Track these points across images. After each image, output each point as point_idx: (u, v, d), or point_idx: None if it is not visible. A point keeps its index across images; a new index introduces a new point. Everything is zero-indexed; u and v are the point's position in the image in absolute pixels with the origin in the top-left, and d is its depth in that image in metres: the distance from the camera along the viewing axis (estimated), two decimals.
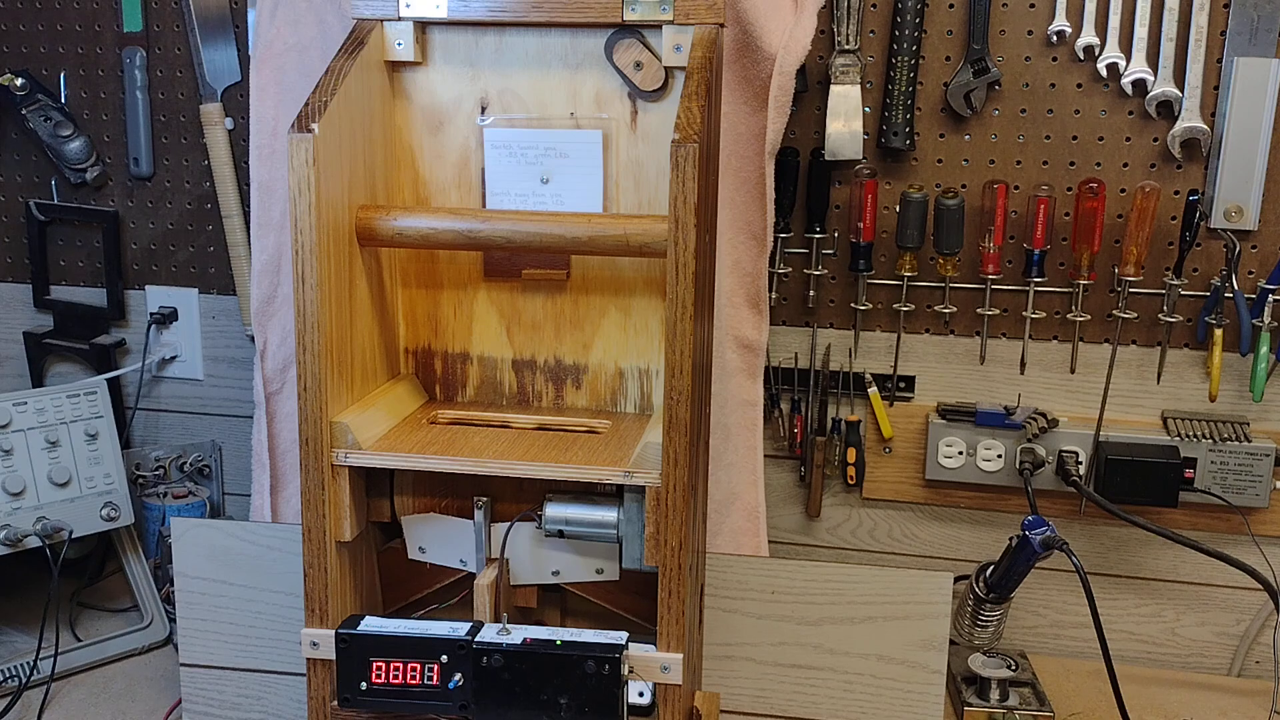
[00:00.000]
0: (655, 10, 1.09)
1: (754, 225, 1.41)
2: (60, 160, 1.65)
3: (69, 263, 1.72)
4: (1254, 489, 1.44)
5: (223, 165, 1.61)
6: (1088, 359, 1.49)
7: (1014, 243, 1.46)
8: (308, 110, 1.01)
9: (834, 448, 1.55)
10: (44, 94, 1.65)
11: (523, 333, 1.21)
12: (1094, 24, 1.39)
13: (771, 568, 1.33)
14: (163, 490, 1.65)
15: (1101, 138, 1.43)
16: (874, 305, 1.51)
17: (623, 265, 1.17)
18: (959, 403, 1.51)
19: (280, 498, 1.54)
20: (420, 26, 1.15)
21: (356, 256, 1.09)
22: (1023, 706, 1.38)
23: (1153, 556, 1.52)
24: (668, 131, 0.99)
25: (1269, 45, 1.37)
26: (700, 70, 1.04)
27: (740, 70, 1.36)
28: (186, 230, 1.68)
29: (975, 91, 1.43)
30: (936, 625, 1.29)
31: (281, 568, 1.30)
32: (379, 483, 1.13)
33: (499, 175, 1.18)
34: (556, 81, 1.15)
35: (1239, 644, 1.52)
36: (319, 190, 1.00)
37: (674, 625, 1.02)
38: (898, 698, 1.31)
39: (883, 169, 1.48)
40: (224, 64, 1.60)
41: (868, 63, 1.44)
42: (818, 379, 1.54)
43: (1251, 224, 1.41)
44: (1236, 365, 1.45)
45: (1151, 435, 1.47)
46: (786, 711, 1.34)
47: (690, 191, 0.95)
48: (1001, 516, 1.54)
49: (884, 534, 1.58)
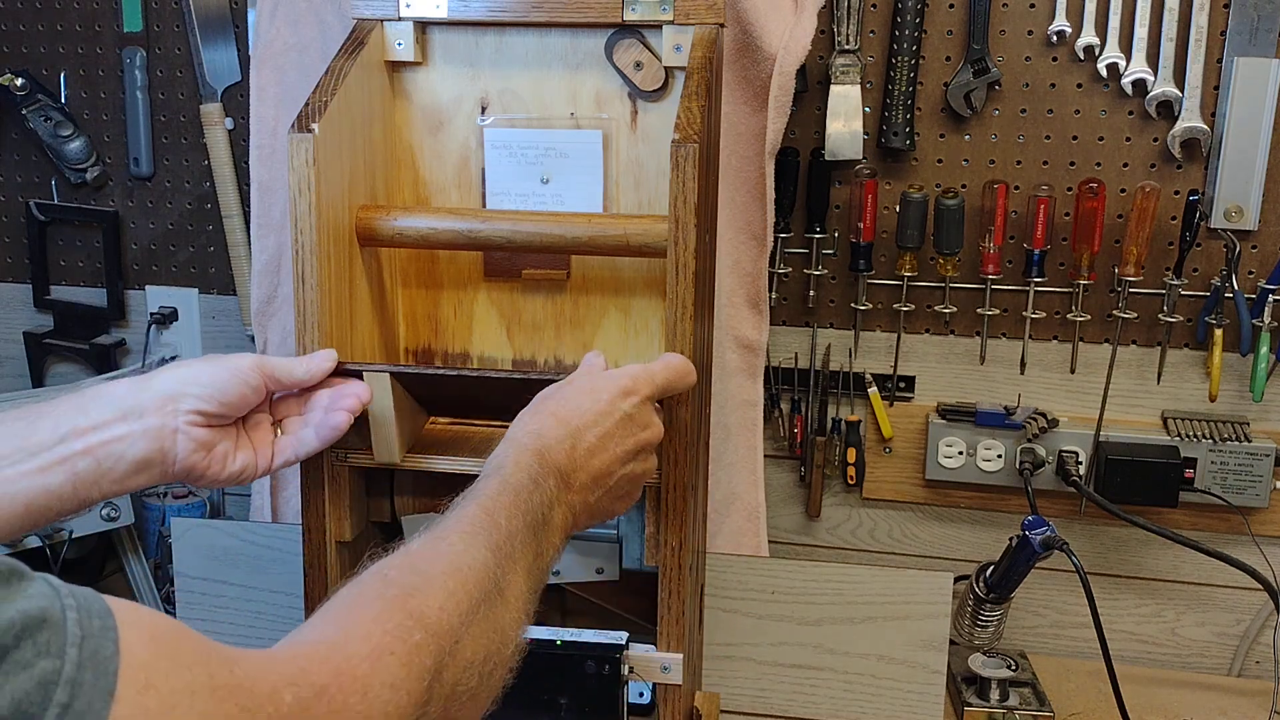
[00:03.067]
0: (655, 10, 1.09)
1: (754, 225, 1.41)
2: (60, 160, 1.65)
3: (69, 263, 1.72)
4: (1254, 489, 1.44)
5: (223, 165, 1.61)
6: (1088, 359, 1.49)
7: (1014, 243, 1.46)
8: (308, 110, 1.01)
9: (834, 448, 1.55)
10: (44, 94, 1.65)
11: (523, 333, 1.21)
12: (1094, 24, 1.39)
13: (771, 568, 1.33)
14: (163, 490, 1.65)
15: (1101, 138, 1.43)
16: (874, 305, 1.51)
17: (623, 265, 1.17)
18: (959, 403, 1.51)
19: (280, 498, 1.54)
20: (420, 26, 1.14)
21: (356, 257, 1.09)
22: (1023, 706, 1.38)
23: (1153, 556, 1.52)
24: (668, 131, 0.99)
25: (1269, 45, 1.37)
26: (700, 70, 1.04)
27: (740, 70, 1.36)
28: (186, 230, 1.68)
29: (975, 91, 1.43)
30: (936, 625, 1.29)
31: (281, 568, 1.30)
32: (379, 483, 1.13)
33: (499, 175, 1.18)
34: (556, 81, 1.15)
35: (1239, 644, 1.52)
36: (319, 190, 1.00)
37: (674, 625, 1.02)
38: (898, 698, 1.31)
39: (883, 169, 1.48)
40: (224, 64, 1.60)
41: (868, 63, 1.44)
42: (818, 379, 1.54)
43: (1251, 224, 1.41)
44: (1236, 365, 1.45)
45: (1151, 435, 1.47)
46: (786, 711, 1.34)
47: (690, 191, 0.95)
48: (1001, 516, 1.54)
49: (884, 534, 1.58)
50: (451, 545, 0.72)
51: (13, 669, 0.47)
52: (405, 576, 0.68)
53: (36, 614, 0.48)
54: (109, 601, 0.52)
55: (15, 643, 0.47)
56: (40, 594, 0.50)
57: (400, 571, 0.68)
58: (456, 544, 0.72)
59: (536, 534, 0.79)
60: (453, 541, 0.72)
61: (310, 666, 0.59)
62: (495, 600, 0.71)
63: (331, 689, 0.58)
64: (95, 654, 0.49)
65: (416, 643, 0.63)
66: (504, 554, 0.74)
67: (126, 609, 0.52)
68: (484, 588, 0.70)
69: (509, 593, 0.73)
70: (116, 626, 0.51)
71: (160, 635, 0.53)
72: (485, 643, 0.69)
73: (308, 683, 0.57)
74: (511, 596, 0.73)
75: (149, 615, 0.53)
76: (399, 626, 0.63)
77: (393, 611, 0.64)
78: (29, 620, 0.48)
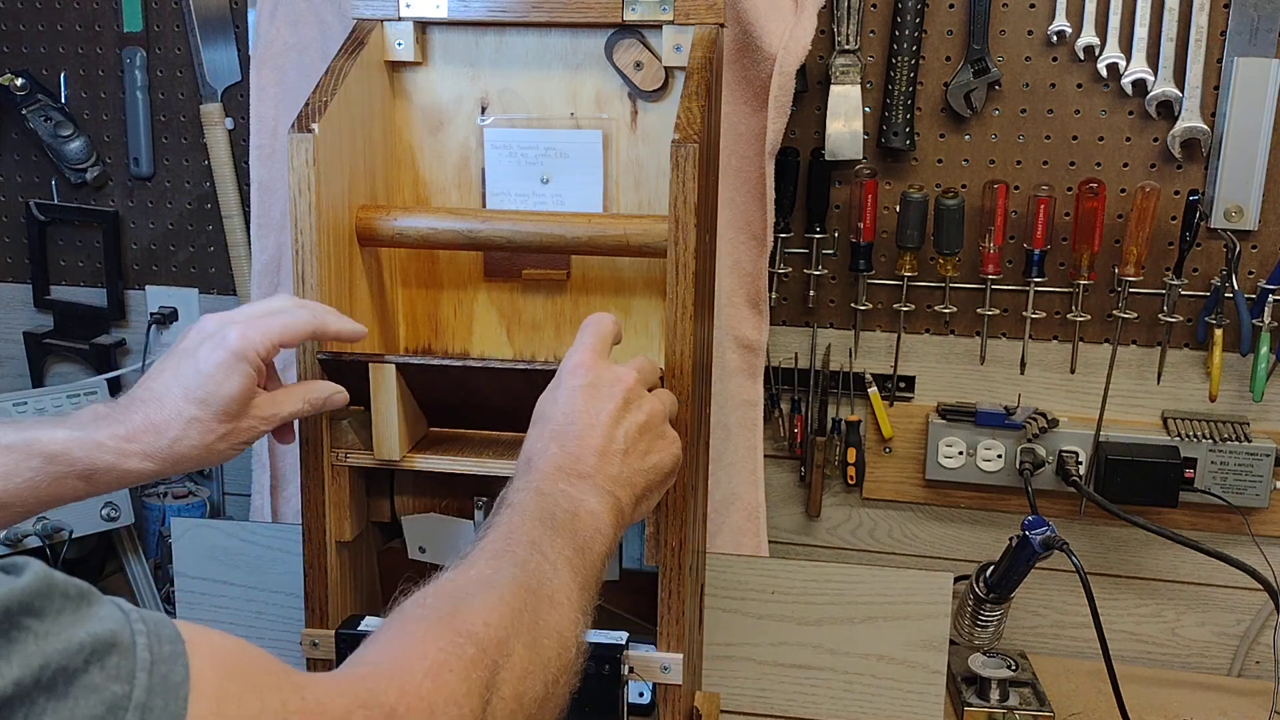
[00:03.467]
0: (655, 10, 1.09)
1: (754, 225, 1.41)
2: (60, 160, 1.65)
3: (69, 263, 1.72)
4: (1254, 489, 1.44)
5: (223, 165, 1.61)
6: (1088, 359, 1.49)
7: (1014, 243, 1.46)
8: (308, 110, 1.01)
9: (834, 448, 1.55)
10: (44, 94, 1.65)
11: (523, 333, 1.21)
12: (1094, 24, 1.39)
13: (771, 568, 1.33)
14: (163, 490, 1.65)
15: (1101, 138, 1.43)
16: (874, 305, 1.51)
17: (623, 265, 1.17)
18: (959, 403, 1.51)
19: (280, 498, 1.54)
20: (420, 26, 1.14)
21: (356, 256, 1.09)
22: (1023, 706, 1.38)
23: (1153, 556, 1.52)
24: (668, 131, 0.99)
25: (1269, 45, 1.37)
26: (700, 70, 1.04)
27: (740, 70, 1.36)
28: (186, 230, 1.68)
29: (975, 91, 1.43)
30: (936, 625, 1.29)
31: (281, 568, 1.30)
32: (379, 483, 1.13)
33: (499, 175, 1.18)
34: (556, 81, 1.15)
35: (1239, 644, 1.52)
36: (319, 190, 1.00)
37: (674, 625, 1.02)
38: (898, 698, 1.31)
39: (883, 169, 1.48)
40: (224, 64, 1.60)
41: (868, 63, 1.44)
42: (818, 379, 1.54)
43: (1251, 224, 1.41)
44: (1236, 365, 1.45)
45: (1151, 435, 1.47)
46: (786, 711, 1.34)
47: (690, 191, 0.95)
48: (1001, 516, 1.54)
49: (884, 534, 1.58)
50: (480, 570, 0.73)
51: (81, 693, 0.46)
52: (443, 602, 0.69)
53: (106, 637, 0.48)
54: (179, 626, 0.52)
55: (84, 666, 0.47)
56: (109, 617, 0.49)
57: (437, 598, 0.69)
58: (485, 568, 0.73)
59: (565, 532, 0.78)
60: (480, 567, 0.73)
61: (377, 688, 0.59)
62: (543, 605, 0.72)
63: (400, 709, 0.58)
64: (165, 679, 0.49)
65: (471, 657, 0.64)
66: (535, 564, 0.74)
67: (197, 633, 0.52)
68: (522, 598, 0.71)
69: (557, 596, 0.74)
70: (187, 652, 0.50)
71: (231, 661, 0.53)
72: (541, 648, 0.70)
73: (376, 704, 0.58)
74: (561, 598, 0.74)
75: (220, 639, 0.53)
76: (451, 644, 0.64)
77: (441, 631, 0.65)
78: (98, 643, 0.47)
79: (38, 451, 0.85)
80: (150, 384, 0.90)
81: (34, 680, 0.45)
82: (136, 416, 0.88)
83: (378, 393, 1.00)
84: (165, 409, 0.88)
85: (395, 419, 1.00)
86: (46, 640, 0.46)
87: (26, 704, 0.44)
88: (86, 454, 0.86)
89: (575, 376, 0.87)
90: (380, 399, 1.00)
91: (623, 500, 0.85)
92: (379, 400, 1.00)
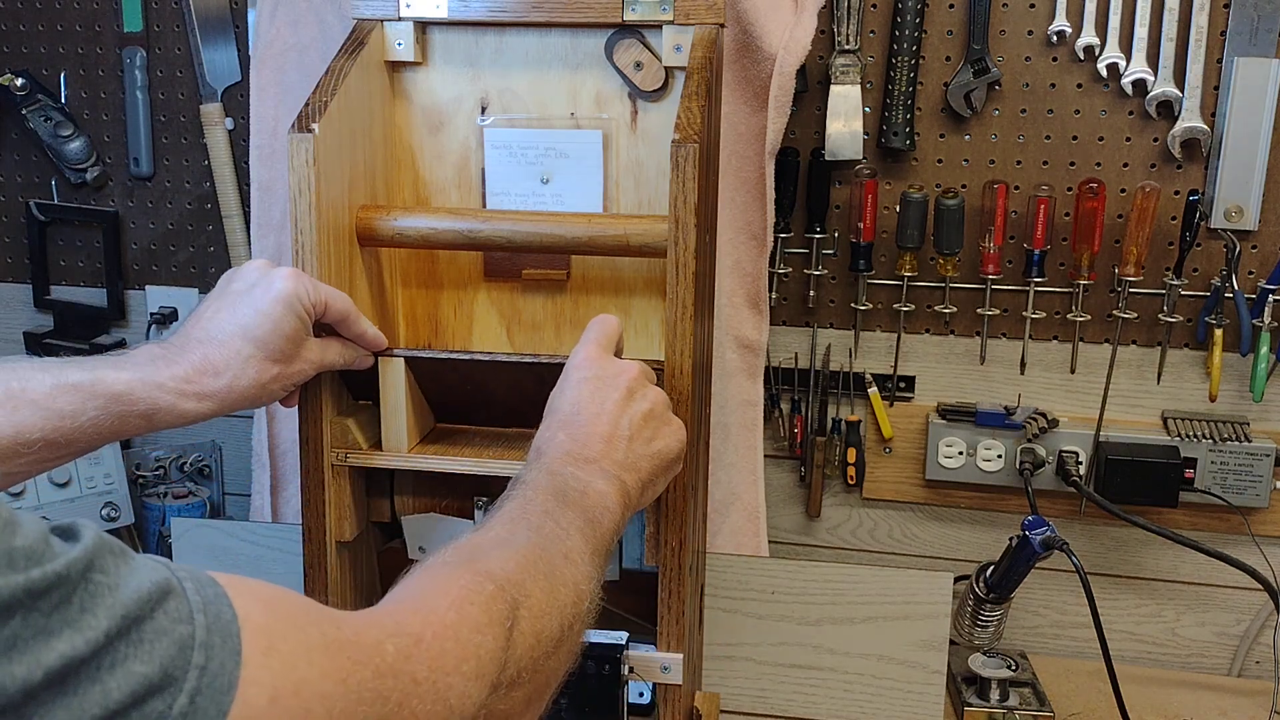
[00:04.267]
0: (655, 10, 1.09)
1: (754, 225, 1.41)
2: (60, 160, 1.65)
3: (69, 263, 1.72)
4: (1254, 489, 1.44)
5: (223, 165, 1.61)
6: (1088, 359, 1.49)
7: (1014, 243, 1.46)
8: (308, 110, 1.01)
9: (834, 448, 1.55)
10: (44, 94, 1.65)
11: (523, 333, 1.21)
12: (1094, 24, 1.39)
13: (771, 568, 1.33)
14: (163, 490, 1.65)
15: (1101, 138, 1.43)
16: (874, 305, 1.51)
17: (623, 265, 1.17)
18: (959, 403, 1.51)
19: (280, 498, 1.54)
20: (420, 27, 1.15)
21: (356, 257, 1.09)
22: (1023, 706, 1.38)
23: (1153, 556, 1.52)
24: (668, 131, 0.99)
25: (1269, 45, 1.37)
26: (700, 70, 1.04)
27: (740, 70, 1.36)
28: (186, 230, 1.68)
29: (975, 91, 1.43)
30: (936, 625, 1.29)
31: (281, 568, 1.30)
32: (379, 483, 1.13)
33: (499, 175, 1.18)
34: (556, 81, 1.15)
35: (1239, 644, 1.52)
36: (319, 190, 1.00)
37: (674, 625, 1.02)
38: (898, 698, 1.31)
39: (883, 169, 1.48)
40: (224, 64, 1.60)
41: (868, 63, 1.44)
42: (818, 379, 1.54)
43: (1251, 224, 1.41)
44: (1236, 365, 1.45)
45: (1151, 435, 1.47)
46: (786, 711, 1.34)
47: (690, 191, 0.95)
48: (1001, 516, 1.54)
49: (884, 534, 1.58)
50: (497, 532, 0.78)
51: (155, 635, 0.50)
52: (462, 553, 0.74)
53: (162, 584, 0.51)
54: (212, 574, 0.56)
55: (150, 612, 0.50)
56: (154, 566, 0.53)
57: (456, 552, 0.74)
58: (501, 531, 0.78)
59: (576, 507, 0.83)
60: (497, 530, 0.78)
61: (405, 620, 0.64)
62: (556, 560, 0.77)
63: (427, 637, 0.64)
64: (218, 618, 0.52)
65: (490, 593, 0.69)
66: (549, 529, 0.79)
67: (231, 579, 0.56)
68: (537, 553, 0.76)
69: (571, 554, 0.79)
70: (227, 594, 0.54)
71: (272, 600, 0.57)
72: (557, 594, 0.75)
73: (405, 633, 0.63)
74: (575, 556, 0.79)
75: (255, 583, 0.57)
76: (472, 581, 0.69)
77: (462, 572, 0.70)
78: (157, 589, 0.51)
79: (102, 392, 0.86)
80: (205, 324, 0.93)
81: (118, 630, 0.48)
82: (194, 356, 0.91)
83: (386, 386, 1.00)
84: (224, 349, 0.91)
85: (404, 412, 1.01)
86: (118, 592, 0.49)
87: (111, 653, 0.48)
88: (148, 394, 0.88)
89: (581, 370, 0.92)
90: (389, 392, 1.00)
91: (629, 484, 0.88)
92: (387, 394, 1.00)
